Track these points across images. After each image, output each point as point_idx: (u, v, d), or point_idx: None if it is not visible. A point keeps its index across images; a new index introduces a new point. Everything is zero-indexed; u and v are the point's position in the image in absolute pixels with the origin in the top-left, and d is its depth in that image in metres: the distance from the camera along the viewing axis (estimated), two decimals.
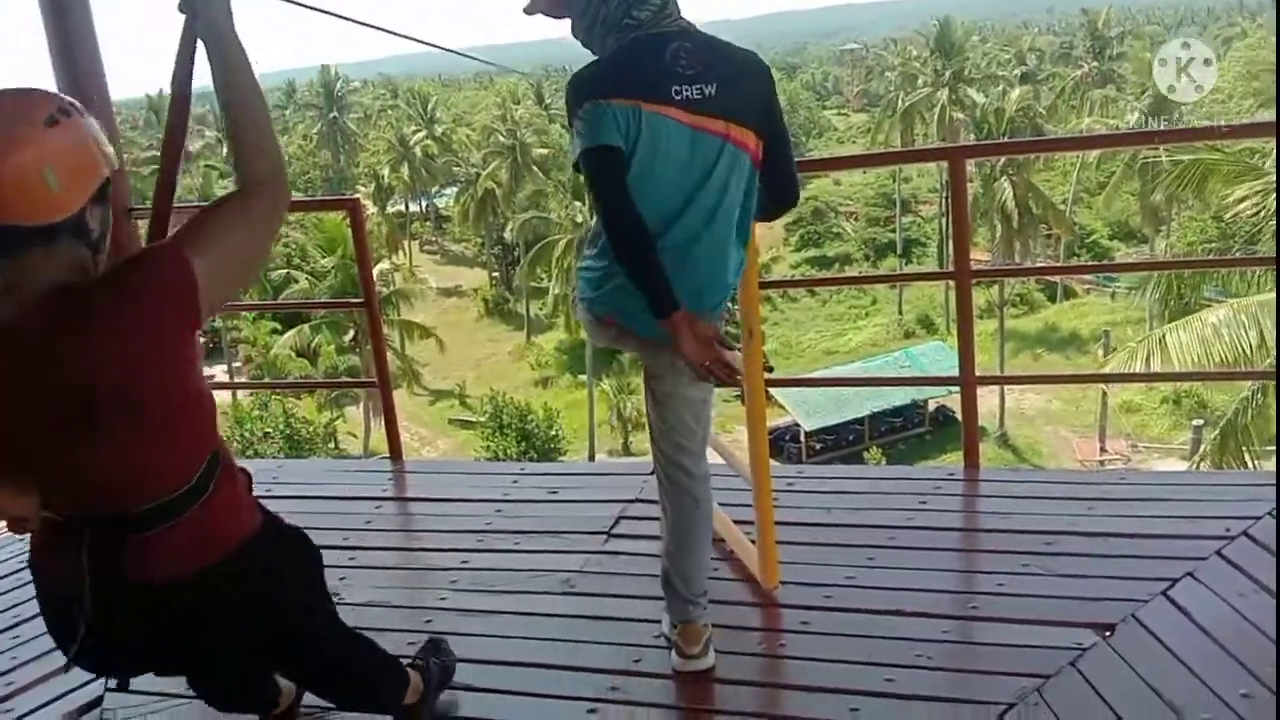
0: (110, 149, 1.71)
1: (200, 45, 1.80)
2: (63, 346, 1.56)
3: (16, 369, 1.56)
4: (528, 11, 2.42)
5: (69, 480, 1.67)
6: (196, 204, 15.78)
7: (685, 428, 2.52)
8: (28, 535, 1.81)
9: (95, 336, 1.56)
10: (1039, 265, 34.32)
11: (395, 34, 3.31)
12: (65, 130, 1.60)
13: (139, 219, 4.10)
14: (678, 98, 2.23)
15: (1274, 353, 10.79)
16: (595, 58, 2.35)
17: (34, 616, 3.23)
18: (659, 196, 2.27)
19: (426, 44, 4.27)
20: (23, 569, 3.58)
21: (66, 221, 1.60)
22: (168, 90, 1.94)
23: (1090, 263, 39.87)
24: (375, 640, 2.23)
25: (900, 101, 48.01)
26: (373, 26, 3.04)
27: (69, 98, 1.67)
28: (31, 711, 2.72)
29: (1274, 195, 12.24)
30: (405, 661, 2.37)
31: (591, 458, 29.87)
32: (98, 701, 2.74)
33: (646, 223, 2.24)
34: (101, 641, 1.77)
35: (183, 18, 1.79)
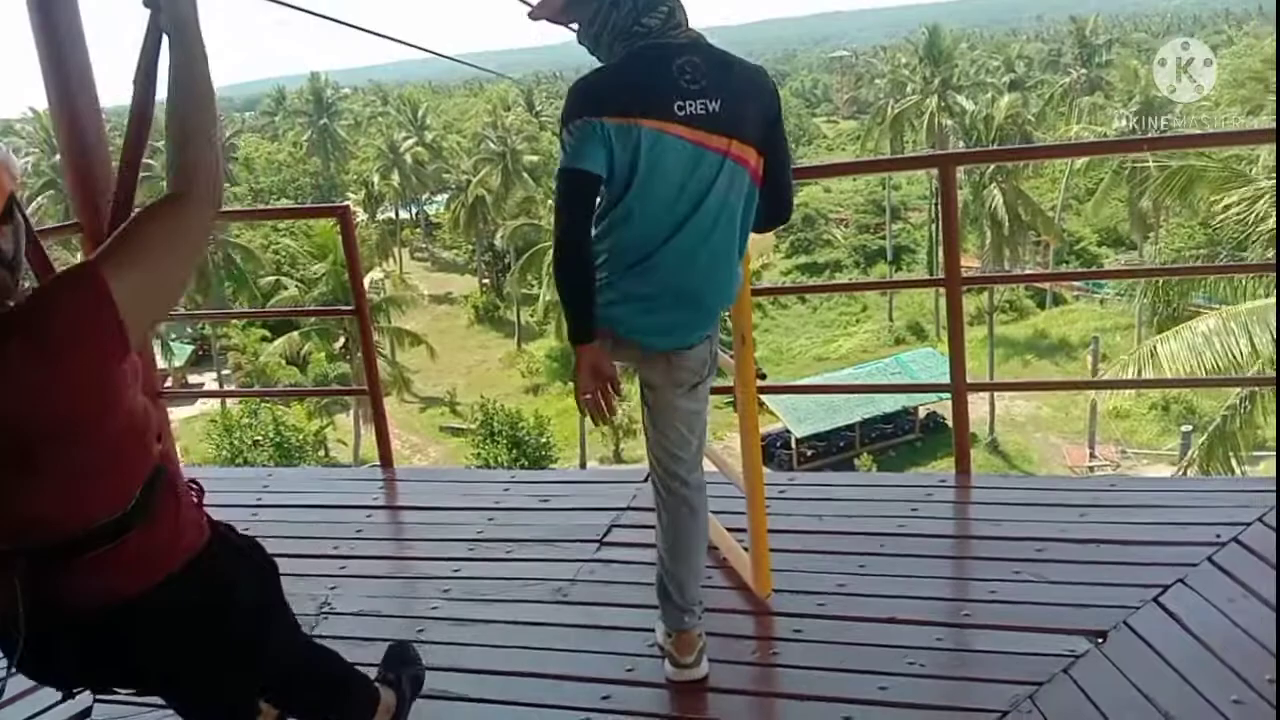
0: (10, 163, 1.61)
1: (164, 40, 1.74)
2: None
3: None
4: (533, 17, 2.41)
5: (4, 513, 1.62)
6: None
7: (680, 437, 2.52)
8: None
9: (14, 384, 1.49)
10: (1030, 272, 34.48)
11: (388, 38, 3.32)
12: None
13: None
14: (680, 113, 2.21)
15: (1264, 359, 10.85)
16: (599, 65, 2.34)
17: None
18: (658, 211, 2.27)
19: (420, 49, 4.28)
20: None
21: None
22: (159, 97, 1.87)
23: (1079, 269, 40.07)
24: (360, 649, 2.20)
25: (890, 109, 48.18)
26: (366, 30, 3.05)
27: None
28: (31, 718, 2.69)
29: (1261, 202, 12.33)
30: (374, 678, 2.32)
31: (583, 465, 29.83)
32: (87, 712, 2.73)
33: (645, 237, 2.28)
34: (43, 660, 1.73)
35: (148, 13, 1.74)
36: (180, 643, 1.78)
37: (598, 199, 2.29)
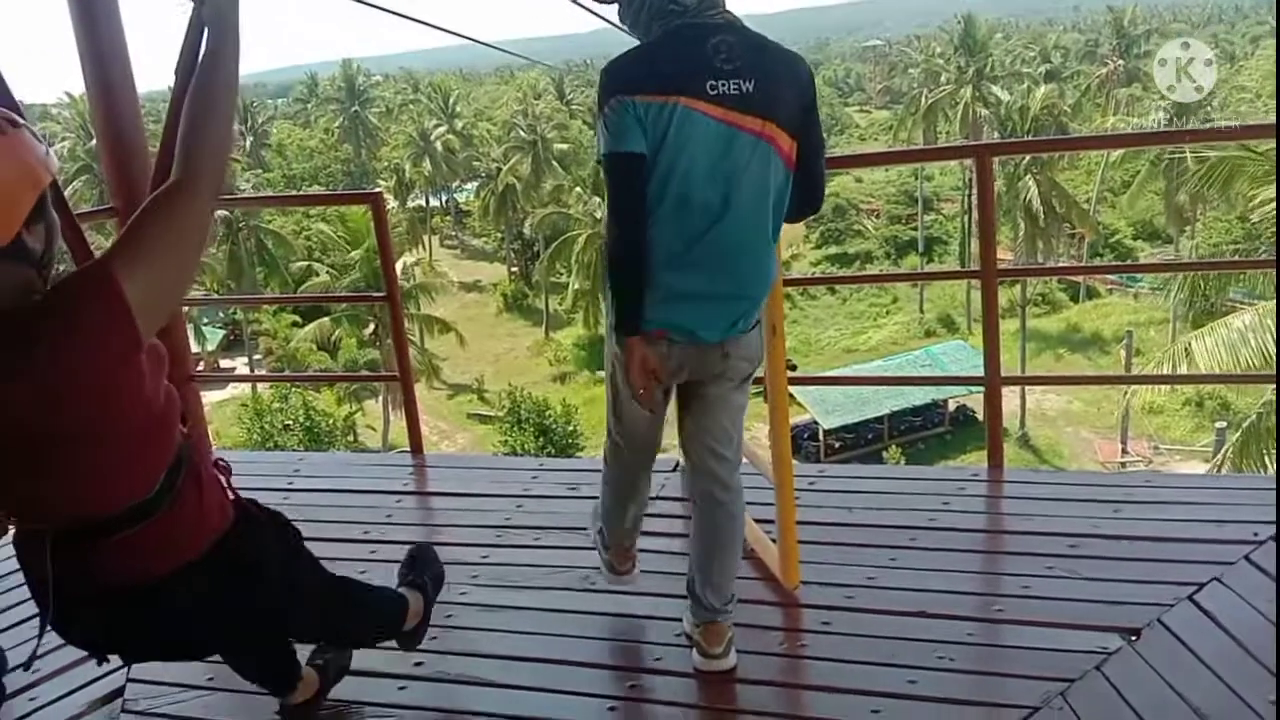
0: (48, 157, 1.63)
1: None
2: (5, 391, 1.52)
3: None
4: None
5: (30, 500, 1.71)
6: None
7: (724, 433, 2.50)
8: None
9: (35, 385, 1.52)
10: (1066, 265, 34.08)
11: (421, 22, 3.30)
12: None
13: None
14: (712, 93, 2.17)
15: None
16: (635, 44, 2.32)
17: None
18: (693, 194, 2.21)
19: (452, 33, 4.28)
20: None
21: (5, 250, 1.54)
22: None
23: (1114, 263, 39.58)
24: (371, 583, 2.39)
25: (923, 98, 47.81)
26: (399, 14, 3.03)
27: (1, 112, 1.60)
28: (55, 700, 2.73)
29: None
30: (398, 582, 2.55)
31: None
32: (120, 691, 2.76)
33: (685, 224, 2.23)
34: (73, 631, 1.85)
35: (190, 5, 1.79)
36: (209, 619, 1.88)
37: (644, 182, 2.23)
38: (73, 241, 1.83)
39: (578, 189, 40.91)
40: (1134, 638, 2.55)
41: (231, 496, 1.92)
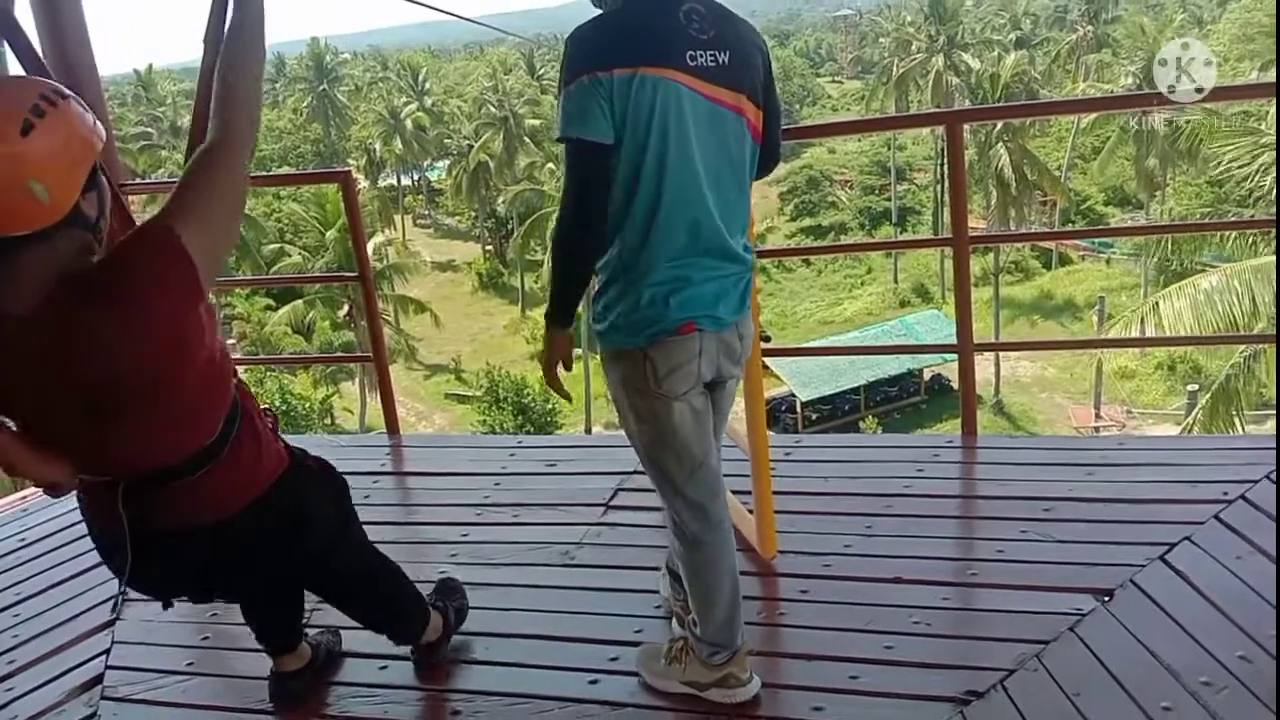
0: (96, 126, 1.71)
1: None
2: (73, 344, 1.64)
3: (34, 363, 1.66)
4: None
5: (98, 453, 1.82)
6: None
7: (704, 446, 2.29)
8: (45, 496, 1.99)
9: (100, 344, 1.65)
10: (1038, 231, 34.25)
11: None
12: (45, 132, 1.59)
13: (131, 195, 4.07)
14: (691, 64, 2.02)
15: (1267, 317, 10.81)
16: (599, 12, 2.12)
17: (34, 595, 3.25)
18: (685, 180, 2.06)
19: (426, 5, 4.20)
20: (22, 548, 3.60)
21: (62, 220, 1.63)
22: (157, 65, 1.97)
23: (1087, 228, 39.82)
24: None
25: (895, 68, 47.73)
26: None
27: (45, 85, 1.65)
28: (33, 689, 2.72)
29: (1265, 155, 12.23)
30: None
31: (588, 430, 29.91)
32: (99, 678, 2.75)
33: (681, 215, 2.07)
34: (143, 574, 1.96)
35: None
36: (266, 556, 2.05)
37: (611, 171, 2.05)
38: (116, 212, 1.89)
39: (550, 165, 40.62)
40: (1107, 599, 2.58)
41: (282, 445, 2.06)
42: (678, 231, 2.09)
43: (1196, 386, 23.57)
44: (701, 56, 2.04)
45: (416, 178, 59.08)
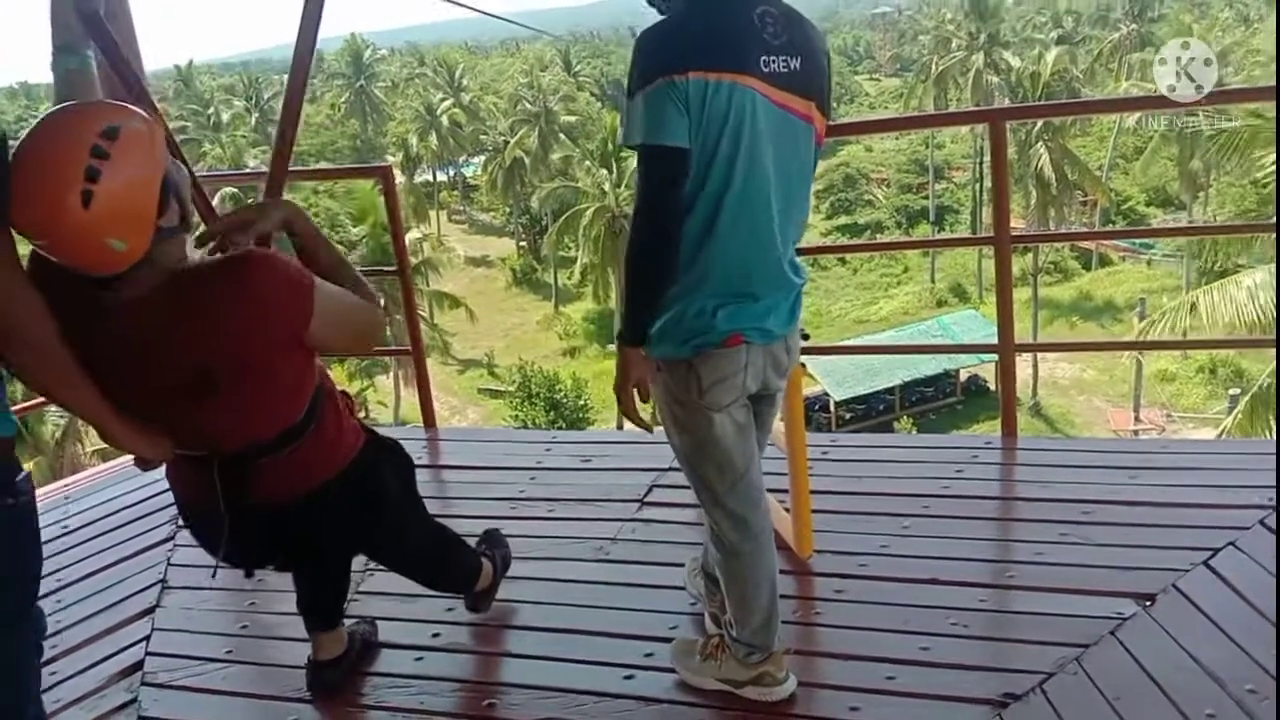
0: (155, 138, 1.76)
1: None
2: (183, 329, 1.79)
3: (144, 345, 1.81)
4: None
5: (198, 431, 1.96)
6: (226, 173, 15.87)
7: (747, 456, 2.26)
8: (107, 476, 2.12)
9: (214, 321, 1.80)
10: (1080, 230, 33.79)
11: None
12: (104, 195, 1.64)
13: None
14: (765, 70, 1.95)
15: None
16: (661, 16, 2.03)
17: (76, 581, 3.30)
18: (759, 191, 2.01)
19: (460, 4, 4.22)
20: (64, 535, 3.65)
21: (149, 249, 1.76)
22: (197, 61, 2.07)
23: (1129, 228, 39.26)
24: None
25: (934, 66, 47.29)
26: None
27: (96, 129, 1.66)
28: (74, 675, 2.76)
29: None
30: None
31: (620, 427, 29.95)
32: (139, 664, 2.79)
33: (736, 211, 2.01)
34: (233, 545, 2.09)
35: None
36: (343, 527, 2.20)
37: (685, 177, 1.96)
38: (199, 203, 2.04)
39: (586, 162, 40.68)
40: (1149, 603, 2.54)
41: (358, 423, 2.20)
42: (734, 242, 2.03)
43: (1239, 391, 23.17)
44: (775, 62, 1.97)
45: (452, 173, 59.35)
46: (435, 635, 2.78)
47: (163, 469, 2.13)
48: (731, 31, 1.94)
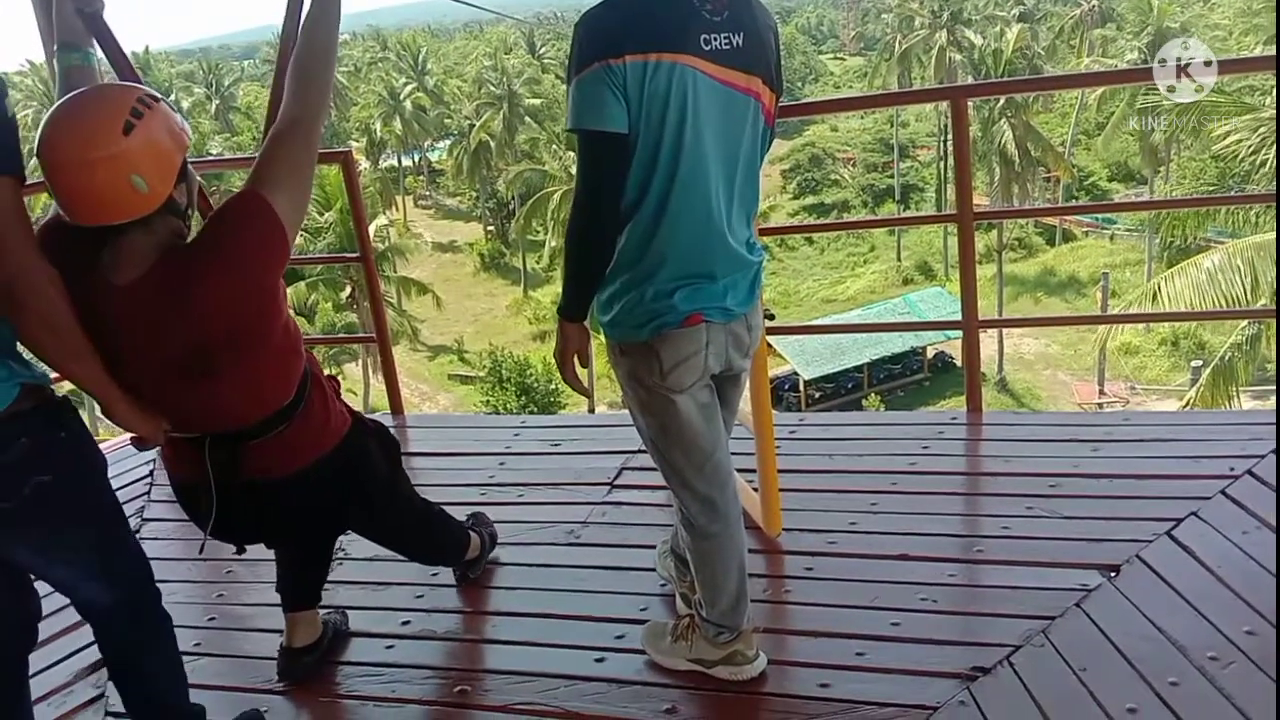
0: (184, 125, 1.93)
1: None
2: (175, 309, 1.86)
3: (139, 328, 1.88)
4: None
5: (192, 411, 2.02)
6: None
7: (715, 437, 2.27)
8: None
9: (203, 297, 1.86)
10: (1043, 206, 34.08)
11: None
12: (143, 131, 1.81)
13: None
14: (707, 48, 1.94)
15: (1269, 294, 10.78)
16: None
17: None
18: (702, 170, 2.00)
19: None
20: None
21: (158, 208, 1.86)
22: (153, 48, 2.11)
23: (1091, 203, 39.66)
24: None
25: (897, 44, 47.44)
26: None
27: (141, 90, 1.87)
28: (41, 670, 2.71)
29: (1265, 128, 12.17)
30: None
31: (591, 410, 29.91)
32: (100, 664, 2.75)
33: (696, 207, 2.02)
34: (224, 523, 2.15)
35: None
36: (332, 504, 2.26)
37: (626, 161, 1.98)
38: (199, 199, 2.10)
39: (553, 145, 40.46)
40: (1113, 574, 2.58)
41: (344, 406, 2.26)
42: (689, 222, 2.04)
43: (1201, 362, 23.53)
44: (716, 40, 1.96)
45: (417, 158, 58.85)
46: (405, 623, 2.77)
47: (156, 450, 2.18)
48: (668, 11, 1.94)
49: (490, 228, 50.20)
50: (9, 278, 1.73)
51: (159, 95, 1.89)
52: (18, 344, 1.86)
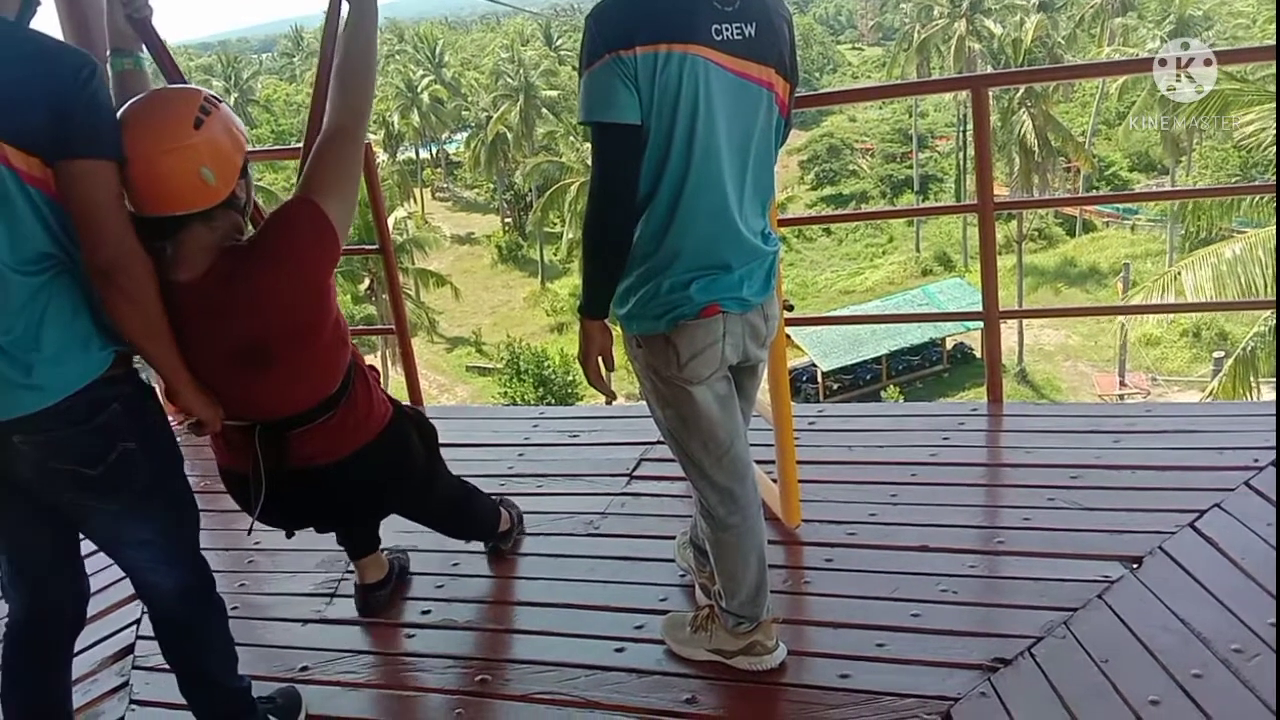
0: (244, 128, 2.03)
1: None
2: (235, 304, 1.97)
3: (200, 322, 1.97)
4: None
5: (248, 401, 2.11)
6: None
7: (734, 429, 2.27)
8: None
9: (260, 295, 1.97)
10: (1063, 196, 33.80)
11: None
12: (211, 127, 1.92)
13: None
14: (718, 38, 1.94)
15: None
16: None
17: None
18: (718, 162, 2.00)
19: None
20: None
21: (222, 202, 1.95)
22: (172, 43, 2.14)
23: (1112, 193, 39.31)
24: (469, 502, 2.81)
25: (916, 34, 47.06)
26: None
27: (205, 92, 1.98)
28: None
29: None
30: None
31: (609, 402, 29.90)
32: (130, 648, 2.79)
33: (701, 182, 2.00)
34: (272, 508, 2.23)
35: None
36: (375, 489, 2.36)
37: (640, 154, 1.98)
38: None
39: (570, 136, 40.44)
40: (1136, 566, 2.56)
41: (385, 395, 2.35)
42: (703, 213, 2.03)
43: (1223, 354, 23.30)
44: (728, 30, 1.95)
45: (435, 150, 58.93)
46: (426, 612, 2.79)
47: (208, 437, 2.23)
48: (678, 2, 1.93)
49: (508, 220, 50.22)
50: (109, 259, 1.81)
51: (220, 98, 2.00)
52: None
